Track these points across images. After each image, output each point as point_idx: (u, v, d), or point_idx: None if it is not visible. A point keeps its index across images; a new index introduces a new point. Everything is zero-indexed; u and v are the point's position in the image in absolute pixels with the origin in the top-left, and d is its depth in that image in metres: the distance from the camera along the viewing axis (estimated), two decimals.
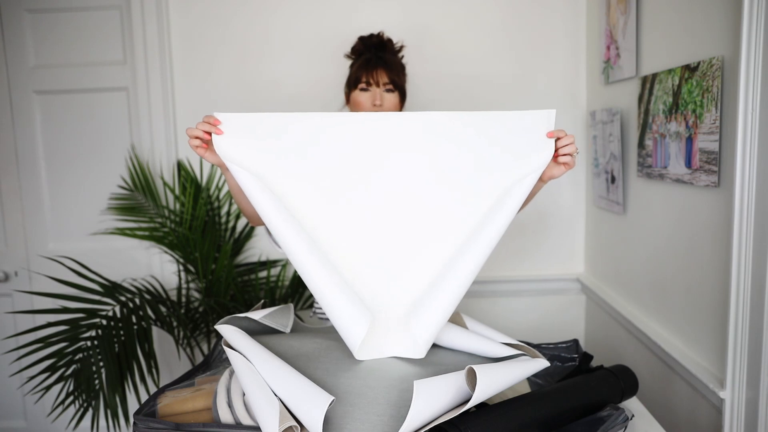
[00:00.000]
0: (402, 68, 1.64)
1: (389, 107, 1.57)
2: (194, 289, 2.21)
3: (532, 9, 2.19)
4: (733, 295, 1.28)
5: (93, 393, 1.72)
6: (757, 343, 1.24)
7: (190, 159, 2.27)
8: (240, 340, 1.09)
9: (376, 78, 1.56)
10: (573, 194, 2.30)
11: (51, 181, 2.36)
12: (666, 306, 1.66)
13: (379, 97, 1.56)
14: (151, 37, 2.20)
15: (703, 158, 1.40)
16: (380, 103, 1.56)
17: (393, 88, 1.57)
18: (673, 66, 1.54)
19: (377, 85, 1.56)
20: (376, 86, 1.56)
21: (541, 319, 2.33)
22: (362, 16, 2.17)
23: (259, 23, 2.22)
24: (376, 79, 1.56)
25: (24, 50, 2.28)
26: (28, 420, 2.46)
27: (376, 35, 1.68)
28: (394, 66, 1.60)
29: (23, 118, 2.31)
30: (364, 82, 1.56)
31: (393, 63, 1.60)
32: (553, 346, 1.29)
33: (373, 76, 1.56)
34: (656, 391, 1.70)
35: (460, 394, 0.96)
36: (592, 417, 1.02)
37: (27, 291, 1.94)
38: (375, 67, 1.57)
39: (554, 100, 2.24)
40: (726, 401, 1.32)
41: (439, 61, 2.21)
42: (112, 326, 1.80)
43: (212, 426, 0.96)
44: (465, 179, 1.12)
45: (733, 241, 1.27)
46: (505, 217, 1.09)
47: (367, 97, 1.57)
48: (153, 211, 2.20)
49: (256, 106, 2.26)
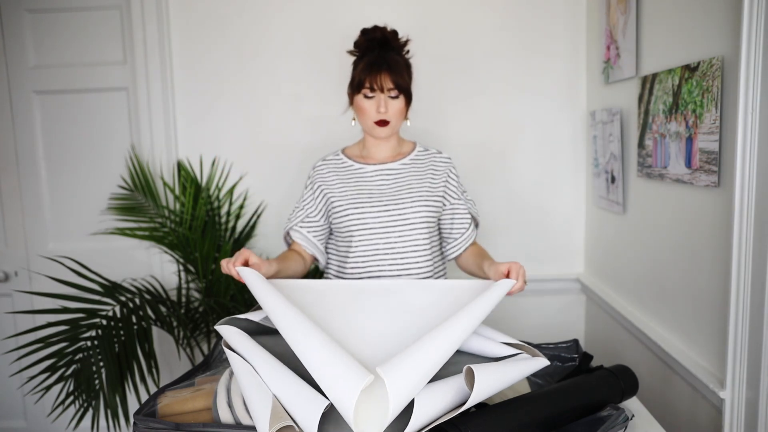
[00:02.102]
0: (407, 67, 1.58)
1: (394, 113, 1.53)
2: (194, 289, 2.21)
3: (532, 9, 2.19)
4: (733, 295, 1.28)
5: (93, 393, 1.72)
6: (757, 343, 1.24)
7: (190, 159, 2.28)
8: (239, 340, 1.09)
9: (380, 83, 1.50)
10: (573, 194, 2.30)
11: (51, 181, 2.36)
12: (666, 306, 1.66)
13: (384, 104, 1.51)
14: (151, 37, 2.20)
15: (703, 158, 1.40)
16: (385, 110, 1.51)
17: (398, 93, 1.52)
18: (673, 66, 1.54)
19: (381, 90, 1.51)
20: (380, 92, 1.51)
21: (541, 319, 2.33)
22: (362, 15, 2.16)
23: (259, 22, 2.22)
24: (380, 85, 1.50)
25: (24, 50, 2.28)
26: (28, 420, 2.46)
27: (380, 29, 1.59)
28: (398, 67, 1.52)
29: (23, 118, 2.31)
30: (368, 87, 1.51)
31: (397, 64, 1.52)
32: (553, 346, 1.29)
33: (377, 82, 1.50)
34: (656, 391, 1.70)
35: (460, 395, 0.96)
36: (592, 417, 1.02)
37: (27, 291, 1.94)
38: (378, 71, 1.50)
39: (554, 100, 2.24)
40: (726, 401, 1.32)
41: (439, 61, 2.21)
42: (112, 326, 1.80)
43: (212, 426, 0.96)
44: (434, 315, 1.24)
45: (733, 241, 1.27)
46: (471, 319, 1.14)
47: (372, 105, 1.52)
48: (153, 211, 2.20)
49: (257, 105, 2.26)
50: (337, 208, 1.57)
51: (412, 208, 1.54)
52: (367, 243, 1.53)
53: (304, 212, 1.62)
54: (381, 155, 1.62)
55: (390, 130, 1.55)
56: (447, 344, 1.01)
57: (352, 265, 1.55)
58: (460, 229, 1.63)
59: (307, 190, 1.64)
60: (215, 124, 2.28)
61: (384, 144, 1.61)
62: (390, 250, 1.53)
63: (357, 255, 1.54)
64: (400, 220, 1.53)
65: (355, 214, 1.54)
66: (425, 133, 2.23)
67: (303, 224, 1.61)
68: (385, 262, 1.53)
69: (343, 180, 1.60)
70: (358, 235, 1.54)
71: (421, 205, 1.55)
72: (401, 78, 1.52)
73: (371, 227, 1.53)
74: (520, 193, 2.29)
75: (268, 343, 1.12)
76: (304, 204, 1.63)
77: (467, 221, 1.63)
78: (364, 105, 1.53)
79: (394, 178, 1.59)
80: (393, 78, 1.51)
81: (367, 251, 1.53)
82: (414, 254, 1.53)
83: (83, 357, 1.75)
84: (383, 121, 1.53)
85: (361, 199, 1.55)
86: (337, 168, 1.63)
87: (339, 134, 2.18)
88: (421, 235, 1.54)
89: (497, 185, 2.29)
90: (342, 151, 1.67)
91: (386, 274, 1.53)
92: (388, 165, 1.61)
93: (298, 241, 1.60)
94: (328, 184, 1.60)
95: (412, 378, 0.92)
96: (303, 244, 1.60)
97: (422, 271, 1.54)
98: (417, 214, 1.54)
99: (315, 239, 1.61)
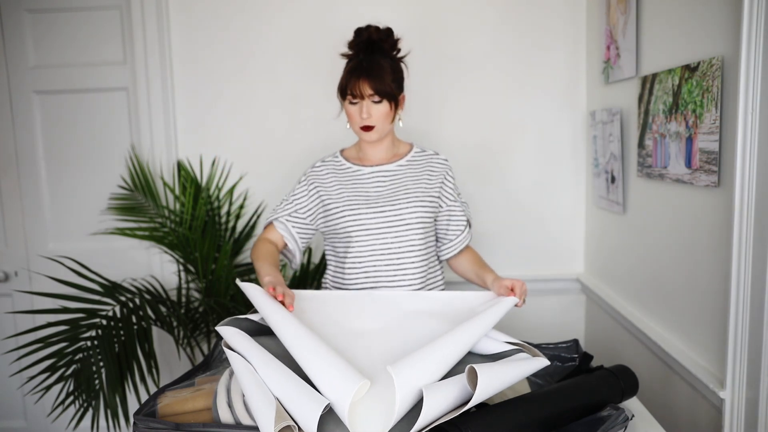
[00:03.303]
0: (393, 70, 1.55)
1: (378, 118, 1.52)
2: (194, 289, 2.21)
3: (532, 9, 2.19)
4: (733, 295, 1.28)
5: (93, 393, 1.72)
6: (757, 343, 1.24)
7: (189, 159, 2.28)
8: (240, 341, 1.09)
9: (359, 90, 1.49)
10: (573, 194, 2.30)
11: (51, 181, 2.36)
12: (666, 306, 1.66)
13: (366, 110, 1.50)
14: (151, 37, 2.20)
15: (703, 158, 1.40)
16: (368, 116, 1.51)
17: (380, 98, 1.50)
18: (673, 66, 1.54)
19: (362, 97, 1.50)
20: (361, 98, 1.51)
21: (541, 319, 2.33)
22: (362, 15, 2.16)
23: (259, 22, 2.22)
24: (359, 92, 1.49)
25: (24, 50, 2.28)
26: (28, 420, 2.46)
27: (368, 30, 1.57)
28: (380, 72, 1.50)
29: (23, 118, 2.31)
30: (350, 94, 1.51)
31: (379, 69, 1.50)
32: (553, 346, 1.29)
33: (357, 89, 1.49)
34: (656, 391, 1.70)
35: (462, 395, 0.96)
36: (592, 417, 1.02)
37: (27, 291, 1.94)
38: (358, 78, 1.49)
39: (554, 100, 2.24)
40: (726, 401, 1.32)
41: (439, 61, 2.21)
42: (112, 326, 1.80)
43: (212, 426, 0.97)
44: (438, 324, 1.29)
45: (733, 241, 1.27)
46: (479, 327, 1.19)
47: (356, 110, 1.52)
48: (153, 211, 2.20)
49: (257, 105, 2.26)
50: (333, 210, 1.57)
51: (408, 209, 1.54)
52: (364, 244, 1.54)
53: (292, 206, 1.62)
54: (376, 157, 1.62)
55: (377, 134, 1.55)
56: (456, 349, 1.08)
57: (350, 266, 1.55)
58: (456, 231, 1.63)
59: (301, 185, 1.63)
60: (215, 124, 2.28)
61: (378, 146, 1.61)
62: (387, 250, 1.54)
63: (354, 256, 1.54)
64: (396, 221, 1.53)
65: (352, 215, 1.54)
66: (424, 133, 2.23)
67: (290, 218, 1.61)
68: (381, 263, 1.54)
69: (341, 182, 1.60)
70: (355, 236, 1.54)
71: (417, 206, 1.55)
72: (381, 83, 1.49)
73: (368, 228, 1.53)
74: (519, 193, 2.29)
75: (268, 344, 1.12)
76: (294, 198, 1.62)
77: (463, 223, 1.64)
78: (350, 110, 1.54)
79: (390, 179, 1.59)
80: (372, 84, 1.49)
81: (364, 252, 1.54)
82: (410, 254, 1.54)
83: (83, 357, 1.75)
84: (368, 126, 1.53)
85: (358, 201, 1.55)
86: (336, 170, 1.63)
87: (339, 134, 2.17)
88: (417, 236, 1.54)
89: (497, 185, 2.29)
90: (340, 153, 1.67)
91: (383, 274, 1.54)
92: (384, 167, 1.61)
93: (280, 231, 1.60)
94: (325, 187, 1.60)
95: (420, 380, 0.96)
96: (284, 235, 1.60)
97: (417, 271, 1.55)
98: (413, 215, 1.54)
99: (297, 235, 1.61)
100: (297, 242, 1.61)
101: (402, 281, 1.53)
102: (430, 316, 1.33)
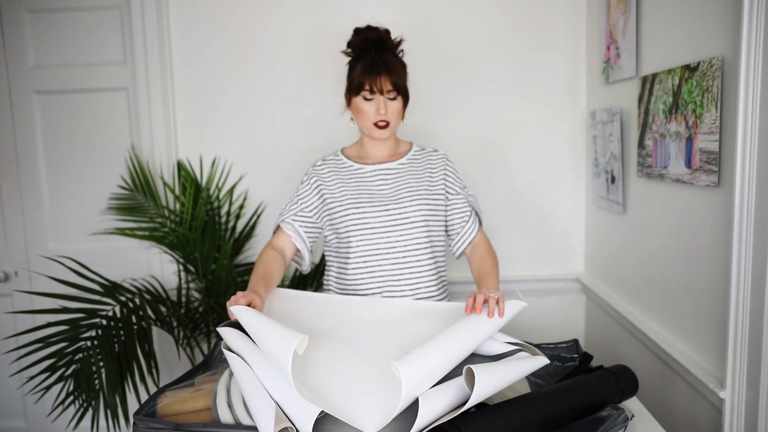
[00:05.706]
0: (403, 67, 1.59)
1: (393, 114, 1.54)
2: (194, 289, 2.21)
3: (532, 9, 2.19)
4: (733, 295, 1.28)
5: (93, 393, 1.72)
6: (757, 343, 1.24)
7: (189, 159, 2.28)
8: (239, 341, 1.10)
9: (380, 86, 1.51)
10: (573, 194, 2.30)
11: (51, 181, 2.36)
12: (666, 306, 1.66)
13: (383, 105, 1.52)
14: (151, 37, 2.20)
15: (703, 158, 1.40)
16: (385, 112, 1.52)
17: (396, 94, 1.53)
18: (673, 66, 1.54)
19: (381, 92, 1.52)
20: (380, 94, 1.52)
21: (541, 319, 2.33)
22: (362, 14, 2.16)
23: (258, 22, 2.22)
24: (379, 87, 1.51)
25: (24, 50, 2.28)
26: (28, 420, 2.46)
27: (374, 29, 1.59)
28: (396, 69, 1.53)
29: (23, 118, 2.31)
30: (368, 89, 1.52)
31: (394, 65, 1.53)
32: (553, 346, 1.29)
33: (377, 84, 1.50)
34: (656, 391, 1.70)
35: (461, 395, 0.96)
36: (592, 417, 1.02)
37: (27, 291, 1.94)
38: (378, 74, 1.51)
39: (554, 100, 2.24)
40: (726, 401, 1.32)
41: (439, 61, 2.21)
42: (112, 326, 1.80)
43: (212, 426, 0.97)
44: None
45: (733, 241, 1.27)
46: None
47: (371, 106, 1.53)
48: (153, 211, 2.20)
49: (257, 105, 2.26)
50: (336, 209, 1.57)
51: (411, 206, 1.54)
52: (367, 242, 1.54)
53: (298, 206, 1.61)
54: (379, 155, 1.62)
55: (389, 132, 1.56)
56: (462, 347, 1.07)
57: (353, 265, 1.54)
58: (461, 222, 1.62)
59: (304, 185, 1.63)
60: (215, 124, 2.28)
61: (381, 144, 1.61)
62: (391, 249, 1.53)
63: (358, 255, 1.54)
64: (400, 219, 1.53)
65: (356, 214, 1.54)
66: (425, 132, 2.23)
67: (296, 218, 1.60)
68: (387, 262, 1.53)
69: (343, 180, 1.60)
70: (358, 234, 1.54)
71: (421, 203, 1.55)
72: (399, 79, 1.53)
73: (372, 227, 1.53)
74: (519, 193, 2.29)
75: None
76: (299, 198, 1.62)
77: (466, 214, 1.63)
78: (364, 107, 1.54)
79: (393, 177, 1.59)
80: (392, 79, 1.51)
81: (368, 251, 1.54)
82: (416, 252, 1.54)
83: (83, 357, 1.75)
84: (383, 123, 1.54)
85: (361, 199, 1.55)
86: (337, 168, 1.63)
87: (339, 134, 2.18)
88: (422, 233, 1.54)
89: (497, 185, 2.29)
90: (341, 151, 1.67)
91: (388, 273, 1.53)
92: (387, 165, 1.61)
93: (288, 232, 1.59)
94: (327, 185, 1.60)
95: (424, 376, 0.96)
96: (292, 236, 1.59)
97: (425, 269, 1.55)
98: (417, 212, 1.54)
99: (305, 234, 1.60)
100: (305, 242, 1.60)
101: (409, 280, 1.53)
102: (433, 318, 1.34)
